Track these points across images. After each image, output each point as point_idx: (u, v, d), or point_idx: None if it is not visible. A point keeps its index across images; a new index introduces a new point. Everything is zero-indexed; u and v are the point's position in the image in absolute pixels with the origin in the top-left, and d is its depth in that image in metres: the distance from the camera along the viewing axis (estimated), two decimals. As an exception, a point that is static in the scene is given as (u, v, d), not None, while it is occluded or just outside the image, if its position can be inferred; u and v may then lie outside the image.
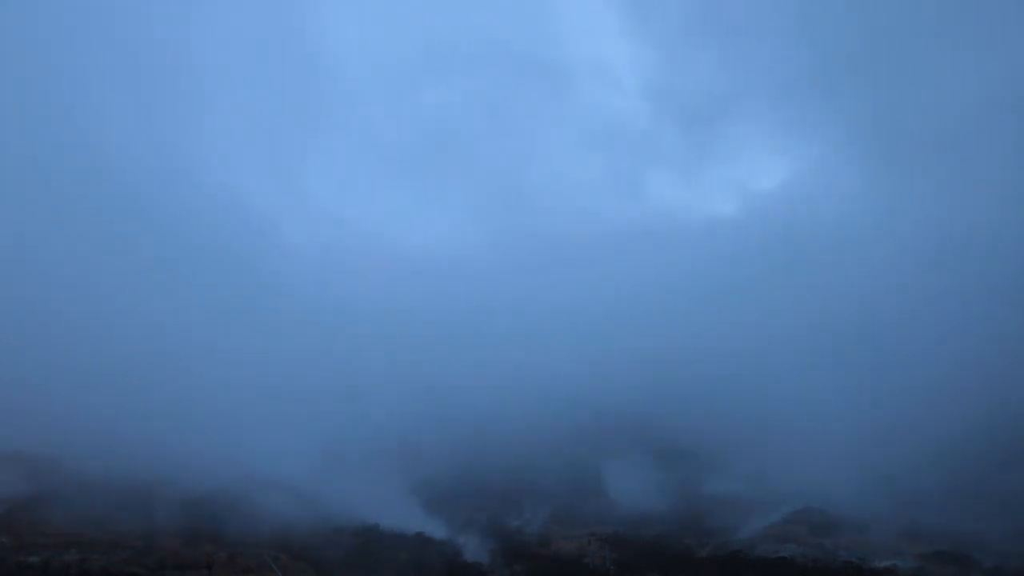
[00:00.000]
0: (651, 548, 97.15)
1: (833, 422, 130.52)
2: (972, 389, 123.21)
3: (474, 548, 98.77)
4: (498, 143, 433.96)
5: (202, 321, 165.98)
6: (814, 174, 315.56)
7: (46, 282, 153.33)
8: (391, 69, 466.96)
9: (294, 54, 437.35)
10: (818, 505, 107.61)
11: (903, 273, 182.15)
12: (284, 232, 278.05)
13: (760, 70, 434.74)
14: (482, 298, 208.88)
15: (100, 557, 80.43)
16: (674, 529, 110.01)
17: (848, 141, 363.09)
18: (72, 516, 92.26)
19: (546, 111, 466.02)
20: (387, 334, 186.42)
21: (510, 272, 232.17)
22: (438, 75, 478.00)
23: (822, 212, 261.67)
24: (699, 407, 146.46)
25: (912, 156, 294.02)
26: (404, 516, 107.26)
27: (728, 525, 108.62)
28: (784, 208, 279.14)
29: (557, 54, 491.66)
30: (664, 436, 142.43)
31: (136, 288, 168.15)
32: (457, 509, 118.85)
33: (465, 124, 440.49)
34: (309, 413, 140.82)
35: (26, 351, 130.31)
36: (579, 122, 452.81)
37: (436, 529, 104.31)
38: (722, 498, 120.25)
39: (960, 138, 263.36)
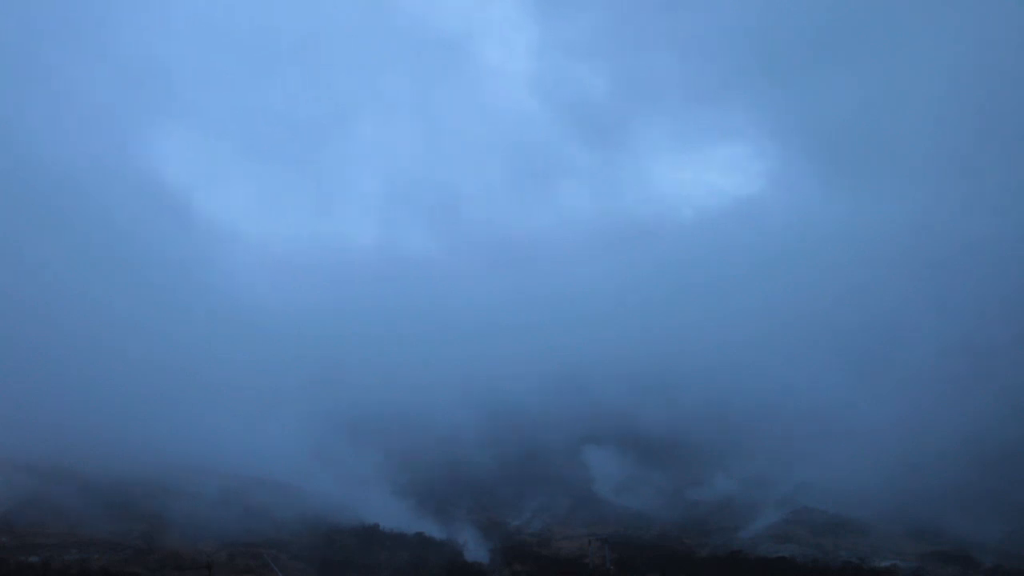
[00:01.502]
0: (651, 548, 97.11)
1: (834, 422, 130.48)
2: (972, 389, 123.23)
3: (474, 548, 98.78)
4: (399, 141, 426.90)
5: (193, 325, 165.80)
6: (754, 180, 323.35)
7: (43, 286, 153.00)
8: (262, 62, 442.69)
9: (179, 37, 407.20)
10: (818, 505, 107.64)
11: (865, 272, 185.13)
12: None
13: (669, 77, 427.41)
14: (444, 298, 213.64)
15: (100, 557, 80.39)
16: (674, 529, 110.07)
17: (772, 146, 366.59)
18: (72, 516, 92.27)
19: (447, 108, 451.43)
20: (375, 334, 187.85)
21: (464, 272, 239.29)
22: (330, 63, 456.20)
23: (766, 214, 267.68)
24: (698, 406, 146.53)
25: (832, 157, 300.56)
26: (404, 516, 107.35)
27: (728, 525, 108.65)
28: (729, 210, 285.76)
29: (459, 43, 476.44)
30: (664, 435, 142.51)
31: (125, 293, 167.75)
32: (457, 509, 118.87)
33: (360, 117, 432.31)
34: (307, 413, 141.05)
35: (23, 353, 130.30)
36: (484, 123, 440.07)
37: (436, 529, 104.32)
38: (722, 498, 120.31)
39: (888, 137, 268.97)
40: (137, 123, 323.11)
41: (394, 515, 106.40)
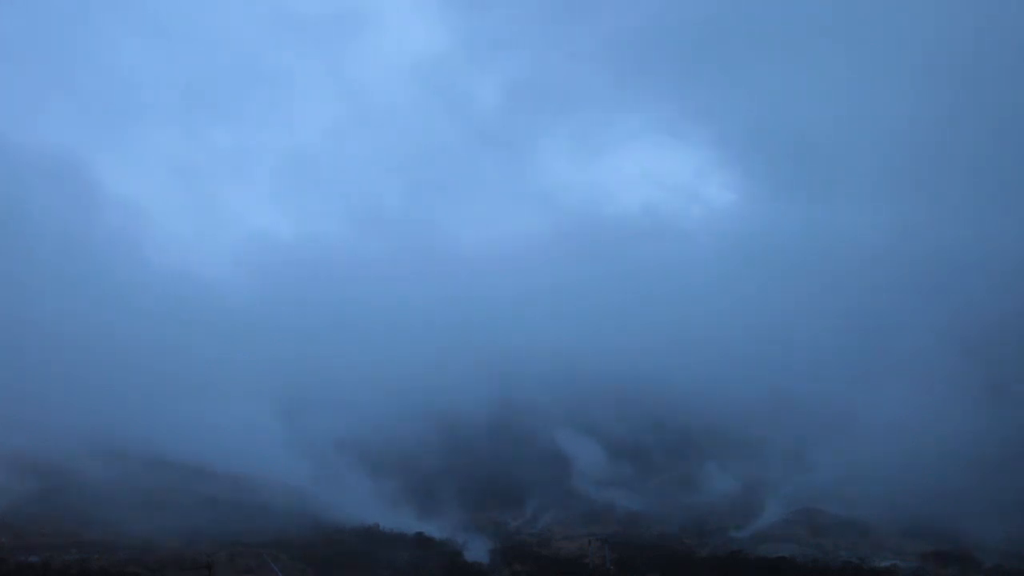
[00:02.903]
0: (651, 548, 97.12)
1: (835, 423, 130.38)
2: (972, 390, 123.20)
3: (474, 548, 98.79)
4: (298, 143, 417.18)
5: (188, 327, 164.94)
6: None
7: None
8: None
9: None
10: (818, 505, 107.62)
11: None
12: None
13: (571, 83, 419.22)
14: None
15: (100, 557, 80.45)
16: (674, 529, 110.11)
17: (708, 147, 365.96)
18: (72, 516, 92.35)
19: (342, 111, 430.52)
20: (371, 333, 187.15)
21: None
22: (230, 34, 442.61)
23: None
24: (696, 407, 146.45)
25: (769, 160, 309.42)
26: (404, 516, 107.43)
27: (728, 525, 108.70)
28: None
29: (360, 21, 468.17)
30: (663, 435, 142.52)
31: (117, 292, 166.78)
32: (457, 509, 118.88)
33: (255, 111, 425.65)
34: (306, 414, 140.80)
35: (23, 352, 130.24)
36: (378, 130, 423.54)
37: (436, 529, 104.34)
38: (722, 498, 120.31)
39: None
40: (29, 97, 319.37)
41: (394, 515, 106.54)
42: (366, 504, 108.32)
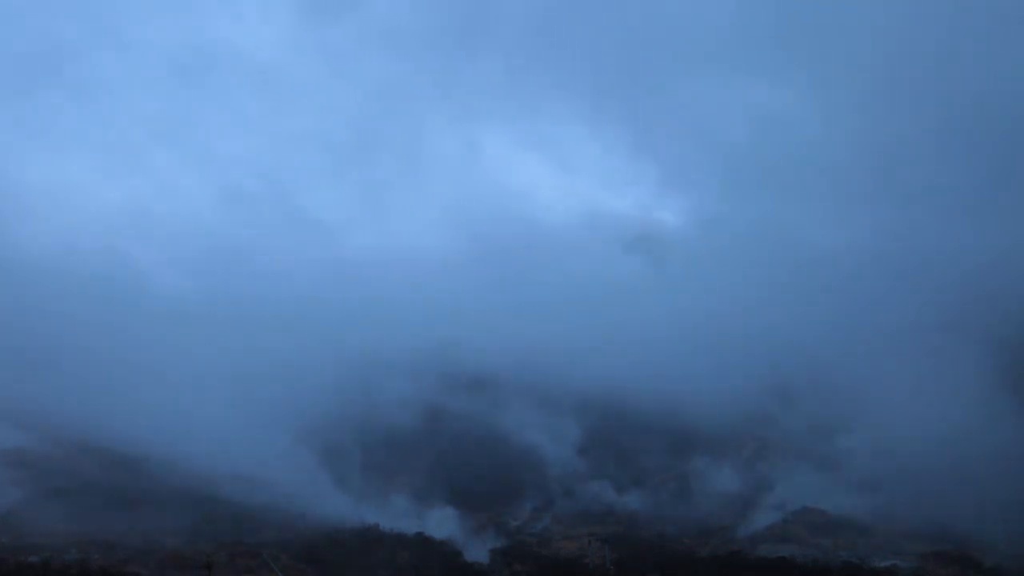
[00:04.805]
0: (651, 548, 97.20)
1: (835, 422, 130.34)
2: (970, 391, 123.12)
3: (474, 548, 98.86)
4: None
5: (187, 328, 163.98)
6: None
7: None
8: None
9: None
10: (818, 505, 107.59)
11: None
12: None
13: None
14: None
15: (100, 557, 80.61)
16: (674, 529, 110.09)
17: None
18: (72, 516, 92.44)
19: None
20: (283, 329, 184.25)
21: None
22: None
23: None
24: (696, 405, 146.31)
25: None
26: (404, 516, 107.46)
27: (728, 525, 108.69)
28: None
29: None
30: (661, 433, 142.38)
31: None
32: (457, 509, 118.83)
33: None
34: (306, 413, 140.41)
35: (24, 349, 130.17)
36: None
37: (436, 529, 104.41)
38: (722, 498, 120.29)
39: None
40: None
41: (394, 515, 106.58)
42: (366, 504, 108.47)
